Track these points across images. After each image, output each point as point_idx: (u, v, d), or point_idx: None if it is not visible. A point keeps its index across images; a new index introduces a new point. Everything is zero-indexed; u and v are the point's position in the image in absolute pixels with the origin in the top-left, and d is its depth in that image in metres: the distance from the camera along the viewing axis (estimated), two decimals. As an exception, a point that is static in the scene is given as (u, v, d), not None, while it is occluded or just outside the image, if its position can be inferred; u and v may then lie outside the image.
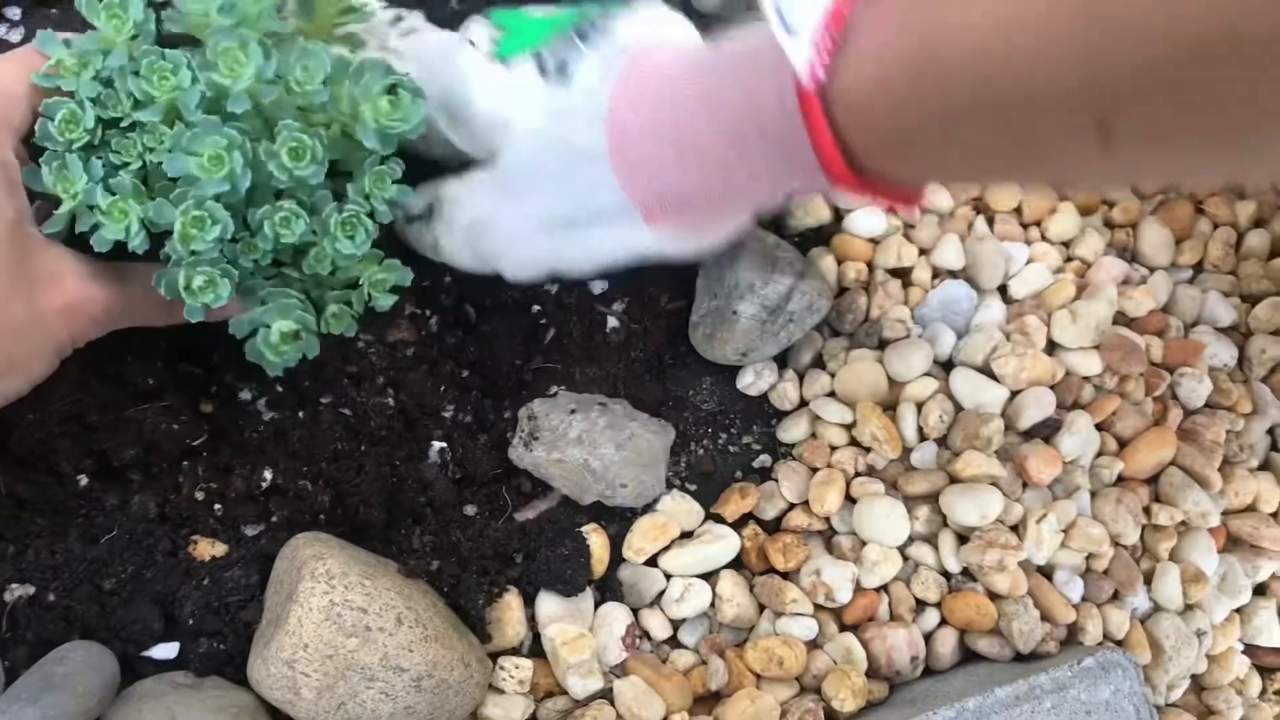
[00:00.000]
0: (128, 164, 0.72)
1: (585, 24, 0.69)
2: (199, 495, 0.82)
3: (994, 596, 0.86)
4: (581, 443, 0.84)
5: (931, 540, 0.87)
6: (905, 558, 0.87)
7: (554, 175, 0.69)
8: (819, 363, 0.93)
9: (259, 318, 0.75)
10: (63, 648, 0.74)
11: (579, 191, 0.68)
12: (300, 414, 0.85)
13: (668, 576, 0.86)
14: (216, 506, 0.82)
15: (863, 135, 0.57)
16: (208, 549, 0.81)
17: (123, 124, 0.73)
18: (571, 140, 0.67)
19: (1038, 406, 0.89)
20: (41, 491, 0.80)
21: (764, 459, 0.91)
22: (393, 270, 0.78)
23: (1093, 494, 0.90)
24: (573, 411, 0.85)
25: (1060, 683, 0.79)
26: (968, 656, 0.86)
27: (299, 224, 0.72)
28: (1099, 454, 0.91)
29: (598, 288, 0.91)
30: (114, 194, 0.71)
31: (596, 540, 0.84)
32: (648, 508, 0.87)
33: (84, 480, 0.81)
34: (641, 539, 0.85)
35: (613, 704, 0.81)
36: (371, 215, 0.74)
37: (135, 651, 0.77)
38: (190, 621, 0.77)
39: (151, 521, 0.81)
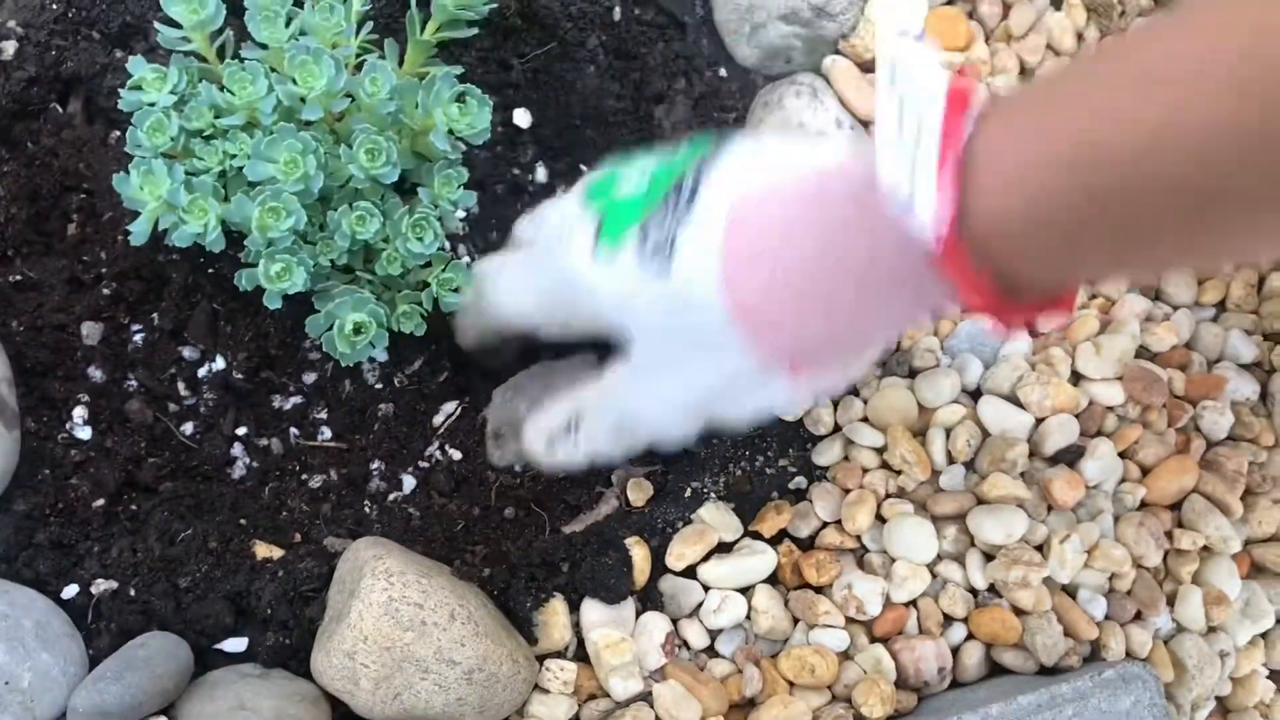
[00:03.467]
0: (209, 169, 0.81)
1: (675, 189, 0.64)
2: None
3: (1019, 612, 0.89)
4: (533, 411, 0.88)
5: (959, 558, 0.91)
6: (934, 574, 0.91)
7: (687, 362, 0.66)
8: (852, 390, 0.97)
9: (333, 311, 0.82)
10: (142, 636, 0.80)
11: (715, 369, 0.65)
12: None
13: (706, 589, 0.90)
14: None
15: (1007, 263, 0.52)
16: (264, 550, 0.87)
17: (204, 133, 0.81)
18: (693, 326, 0.63)
19: (1062, 433, 0.93)
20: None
21: (799, 480, 0.95)
22: (458, 271, 0.85)
23: (1116, 518, 0.94)
24: (511, 398, 0.93)
25: (1081, 692, 0.83)
26: (994, 670, 0.90)
27: (374, 221, 0.80)
28: (1122, 480, 0.95)
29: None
30: (195, 193, 0.79)
31: (639, 552, 0.89)
32: (688, 520, 0.92)
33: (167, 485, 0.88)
34: (683, 545, 0.89)
35: (652, 706, 0.85)
36: (440, 219, 0.82)
37: (208, 644, 0.83)
38: (269, 610, 0.82)
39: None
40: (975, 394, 0.97)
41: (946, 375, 0.95)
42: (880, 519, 0.92)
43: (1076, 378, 0.97)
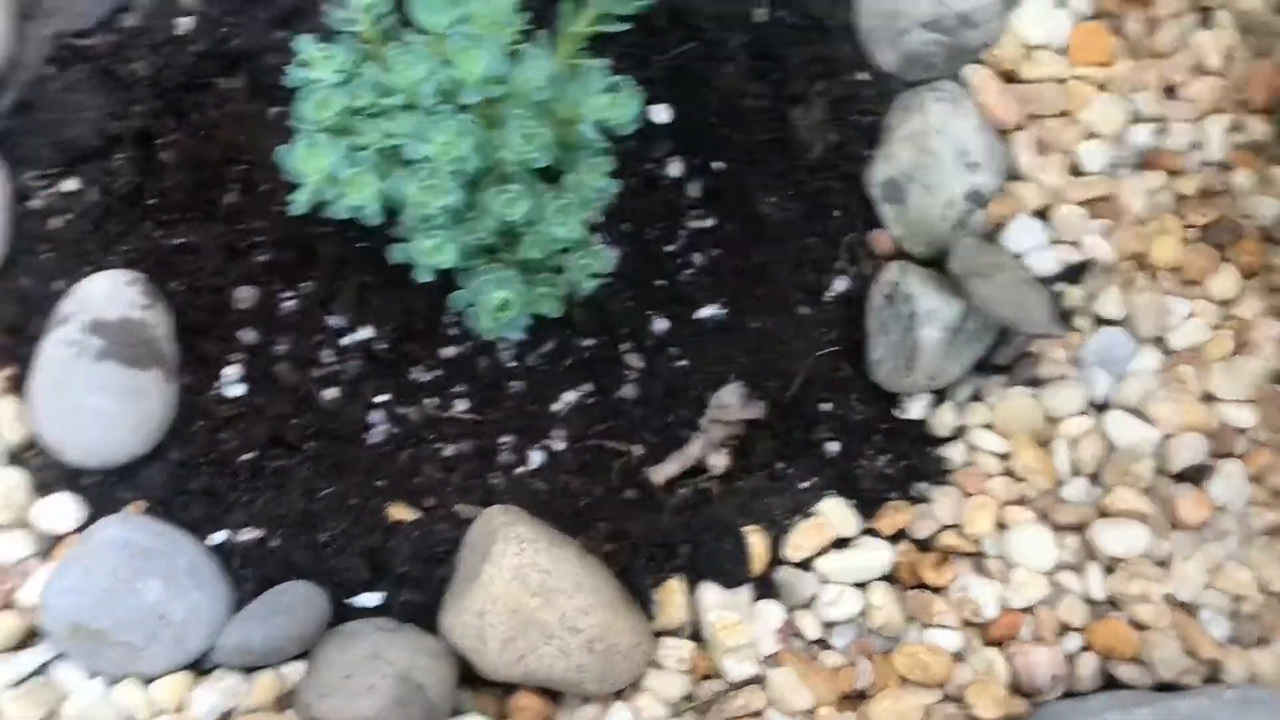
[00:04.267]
0: (369, 146, 0.85)
1: None
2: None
3: (1137, 626, 0.89)
4: None
5: (1078, 569, 0.91)
6: (1052, 583, 0.91)
7: None
8: (978, 396, 0.98)
9: (480, 287, 0.85)
10: (286, 583, 0.84)
11: None
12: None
13: (822, 581, 0.91)
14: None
15: None
16: (399, 512, 0.91)
17: (367, 112, 0.85)
18: None
19: (1189, 451, 0.93)
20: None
21: (920, 482, 0.96)
22: (596, 257, 0.87)
23: (1243, 540, 0.93)
24: None
25: (1201, 711, 0.82)
26: (1109, 682, 0.89)
27: (522, 204, 0.83)
28: (1250, 503, 0.94)
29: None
30: (356, 168, 0.82)
31: (757, 540, 0.91)
32: (807, 513, 0.93)
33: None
34: (802, 537, 0.91)
35: (764, 690, 0.87)
36: (583, 205, 0.85)
37: (342, 596, 0.87)
38: (403, 568, 0.86)
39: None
40: (1102, 407, 0.97)
41: (1074, 387, 0.95)
42: (1000, 525, 0.93)
43: (1207, 397, 0.96)
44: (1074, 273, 0.99)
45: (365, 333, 0.97)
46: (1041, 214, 1.00)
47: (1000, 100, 1.03)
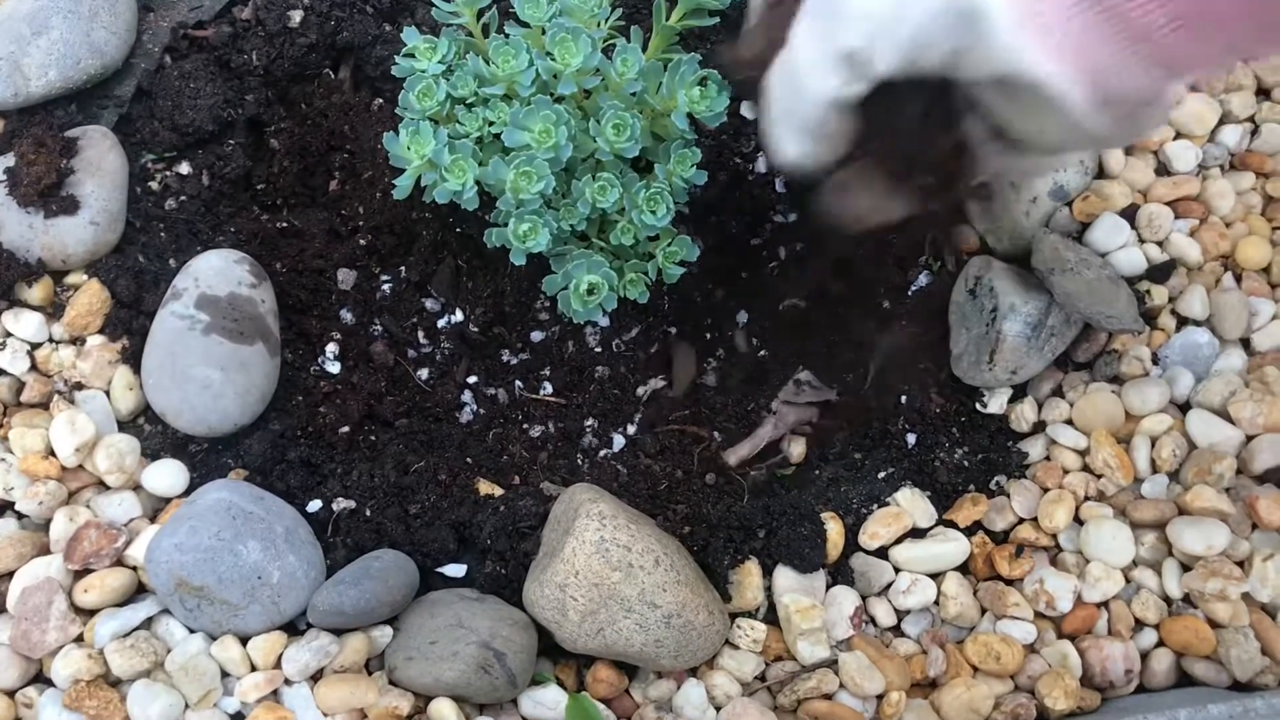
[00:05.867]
0: (469, 134, 0.88)
1: None
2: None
3: (1214, 624, 0.89)
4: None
5: (1155, 565, 0.91)
6: (1128, 578, 0.91)
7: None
8: (1058, 392, 0.99)
9: (570, 271, 0.88)
10: (377, 551, 0.88)
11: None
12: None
13: (897, 570, 0.93)
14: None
15: None
16: (486, 488, 0.94)
17: (467, 101, 0.89)
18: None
19: (1272, 451, 0.92)
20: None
21: (997, 475, 0.97)
22: (683, 245, 0.90)
23: (1325, 543, 0.92)
24: None
25: (1276, 710, 0.82)
26: (1183, 679, 0.89)
27: (614, 192, 0.86)
28: (1334, 506, 0.93)
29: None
30: (456, 154, 0.86)
31: (833, 527, 0.92)
32: (883, 502, 0.95)
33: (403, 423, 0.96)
34: (877, 525, 0.92)
35: (837, 674, 0.88)
36: (672, 195, 0.87)
37: (430, 566, 0.90)
38: (489, 541, 0.89)
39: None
40: (1184, 406, 0.97)
41: (1156, 385, 0.95)
42: (1078, 520, 0.93)
43: (1292, 399, 0.96)
44: (1159, 272, 0.99)
45: (458, 316, 1.00)
46: (1128, 213, 1.00)
47: (1088, 99, 1.03)
